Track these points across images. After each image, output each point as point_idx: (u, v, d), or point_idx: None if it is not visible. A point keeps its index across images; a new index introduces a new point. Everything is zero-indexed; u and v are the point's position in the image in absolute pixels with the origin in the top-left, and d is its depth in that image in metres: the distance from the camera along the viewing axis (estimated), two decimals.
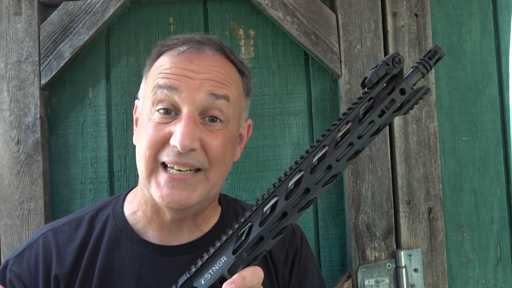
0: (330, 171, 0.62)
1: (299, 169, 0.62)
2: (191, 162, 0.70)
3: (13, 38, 1.13)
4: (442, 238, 1.15)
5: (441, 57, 0.67)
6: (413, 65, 0.67)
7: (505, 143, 1.24)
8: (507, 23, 1.25)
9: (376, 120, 0.64)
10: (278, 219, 0.60)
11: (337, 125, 0.63)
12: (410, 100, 0.65)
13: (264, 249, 0.60)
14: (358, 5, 1.17)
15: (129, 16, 1.21)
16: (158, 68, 0.74)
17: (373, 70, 0.64)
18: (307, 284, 0.87)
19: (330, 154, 0.62)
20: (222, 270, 0.58)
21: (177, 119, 0.71)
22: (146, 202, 0.78)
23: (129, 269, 0.76)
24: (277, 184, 0.61)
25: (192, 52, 0.74)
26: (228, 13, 1.22)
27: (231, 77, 0.76)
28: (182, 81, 0.71)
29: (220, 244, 0.60)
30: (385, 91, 0.65)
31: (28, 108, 1.12)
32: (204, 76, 0.72)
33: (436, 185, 1.16)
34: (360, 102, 0.64)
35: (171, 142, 0.69)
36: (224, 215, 0.85)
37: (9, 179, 1.11)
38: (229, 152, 0.76)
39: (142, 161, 0.72)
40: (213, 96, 0.72)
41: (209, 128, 0.72)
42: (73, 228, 0.80)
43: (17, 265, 0.75)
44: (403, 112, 0.66)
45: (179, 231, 0.79)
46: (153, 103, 0.72)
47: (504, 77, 1.24)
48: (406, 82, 0.65)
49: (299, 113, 1.22)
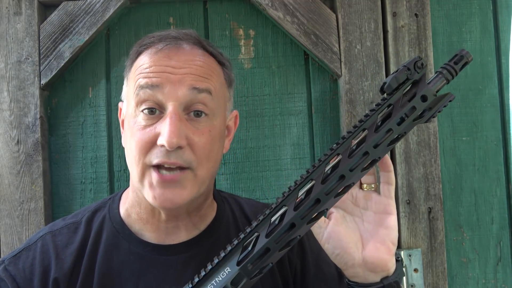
0: (342, 181, 0.59)
1: (310, 178, 0.59)
2: (179, 162, 0.69)
3: (13, 38, 1.13)
4: (442, 238, 1.15)
5: (467, 62, 0.63)
6: (437, 70, 0.63)
7: (505, 143, 1.24)
8: (507, 23, 1.25)
9: (394, 129, 0.60)
10: (286, 231, 0.58)
11: (352, 133, 0.60)
12: (432, 107, 0.61)
13: (271, 261, 0.58)
14: (358, 5, 1.17)
15: (129, 16, 1.21)
16: (138, 68, 0.74)
17: (393, 74, 0.60)
18: (323, 261, 0.87)
19: (344, 163, 0.59)
20: (225, 282, 0.56)
21: (162, 118, 0.70)
22: (139, 203, 0.78)
23: (128, 270, 0.76)
24: (286, 193, 0.59)
25: (170, 49, 0.74)
26: (228, 13, 1.22)
27: (212, 70, 0.76)
28: (163, 78, 0.71)
29: (224, 254, 0.58)
30: (405, 98, 0.61)
31: (28, 108, 1.12)
32: (185, 71, 0.72)
33: (436, 185, 1.16)
34: (378, 108, 0.60)
35: (159, 141, 0.69)
36: (220, 212, 0.85)
37: (9, 179, 1.11)
38: (216, 148, 0.75)
39: (134, 165, 0.72)
40: (195, 90, 0.71)
41: (194, 124, 0.72)
42: (71, 231, 0.79)
43: (12, 265, 0.75)
44: (424, 121, 0.62)
45: (176, 231, 0.79)
46: (136, 104, 0.72)
47: (504, 77, 1.24)
48: (428, 88, 0.61)
49: (299, 113, 1.22)
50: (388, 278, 0.67)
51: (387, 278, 0.67)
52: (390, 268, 0.67)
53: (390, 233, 0.66)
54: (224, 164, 1.20)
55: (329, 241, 0.67)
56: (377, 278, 0.67)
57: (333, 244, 0.66)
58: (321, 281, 0.86)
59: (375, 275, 0.67)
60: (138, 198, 0.77)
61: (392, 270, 0.68)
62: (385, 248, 0.66)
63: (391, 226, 0.66)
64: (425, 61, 0.62)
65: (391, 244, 0.67)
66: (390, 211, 0.67)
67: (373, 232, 0.67)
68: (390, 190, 0.67)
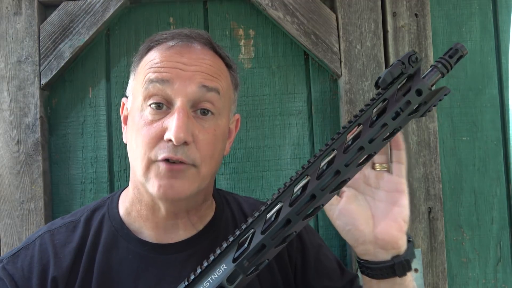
0: (338, 177, 0.59)
1: (305, 174, 0.59)
2: (183, 158, 0.70)
3: (13, 38, 1.13)
4: (442, 238, 1.15)
5: (462, 55, 0.62)
6: (432, 64, 0.63)
7: (505, 143, 1.24)
8: (507, 23, 1.25)
9: (389, 123, 0.60)
10: (282, 227, 0.57)
11: (347, 128, 0.60)
12: (427, 101, 0.61)
13: (267, 258, 0.58)
14: (358, 5, 1.17)
15: (129, 16, 1.21)
16: (148, 63, 0.74)
17: (388, 69, 0.60)
18: (323, 256, 0.88)
19: (339, 158, 0.59)
20: (221, 279, 0.56)
21: (169, 113, 0.71)
22: (140, 200, 0.78)
23: (127, 269, 0.76)
24: (281, 190, 0.58)
25: (182, 46, 0.75)
26: (228, 13, 1.22)
27: (221, 70, 0.77)
28: (173, 73, 0.71)
29: (220, 252, 0.57)
30: (400, 92, 0.61)
31: (28, 108, 1.12)
32: (195, 68, 0.72)
33: (436, 185, 1.16)
34: (373, 103, 0.60)
35: (166, 136, 0.69)
36: (219, 210, 0.86)
37: (9, 179, 1.11)
38: (219, 147, 0.76)
39: (138, 159, 0.72)
40: (204, 88, 0.72)
41: (201, 122, 0.72)
42: (70, 230, 0.79)
43: (11, 264, 0.75)
44: (419, 115, 0.62)
45: (174, 230, 0.79)
46: (144, 98, 0.72)
47: (504, 77, 1.24)
48: (423, 82, 0.61)
49: (299, 113, 1.22)
50: (398, 257, 0.67)
51: (398, 257, 0.67)
52: (401, 247, 0.67)
53: (402, 211, 0.67)
54: (224, 164, 1.20)
55: (340, 217, 0.68)
56: (387, 256, 0.67)
57: (344, 220, 0.67)
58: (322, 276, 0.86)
59: (386, 252, 0.67)
60: (139, 194, 0.78)
61: (403, 249, 0.67)
62: (396, 226, 0.66)
63: (402, 204, 0.67)
64: (420, 55, 0.61)
65: (403, 222, 0.67)
66: (401, 190, 0.67)
67: (385, 210, 0.67)
68: (401, 169, 0.68)
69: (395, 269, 0.66)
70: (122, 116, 0.84)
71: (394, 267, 0.66)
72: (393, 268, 0.66)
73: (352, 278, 0.88)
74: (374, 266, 0.67)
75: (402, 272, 0.67)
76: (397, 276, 0.67)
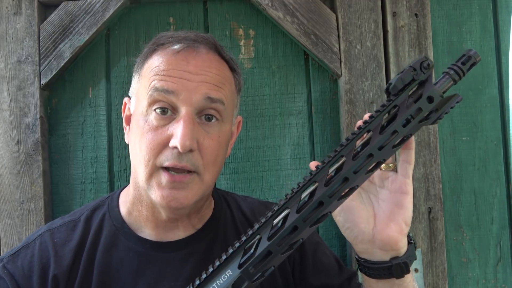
0: (346, 184, 0.58)
1: (313, 180, 0.58)
2: (188, 165, 0.70)
3: (13, 38, 1.13)
4: (442, 238, 1.15)
5: (475, 62, 0.61)
6: (444, 70, 0.61)
7: (505, 143, 1.24)
8: (507, 23, 1.25)
9: (399, 130, 0.59)
10: (288, 233, 0.57)
11: (356, 134, 0.59)
12: (439, 109, 0.60)
13: (272, 265, 0.57)
14: (358, 5, 1.17)
15: (129, 16, 1.21)
16: (154, 69, 0.74)
17: (399, 75, 0.59)
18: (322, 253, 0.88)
19: (348, 165, 0.58)
20: (226, 285, 0.55)
21: (174, 120, 0.71)
22: (140, 201, 0.78)
23: (127, 267, 0.76)
24: (289, 196, 0.58)
25: (188, 51, 0.74)
26: (228, 13, 1.22)
27: (225, 78, 0.77)
28: (179, 84, 0.71)
29: (225, 257, 0.57)
30: (411, 99, 0.60)
31: (28, 108, 1.12)
32: (201, 78, 0.72)
33: (436, 185, 1.16)
34: (383, 110, 0.59)
35: (171, 143, 0.69)
36: (218, 209, 0.86)
37: (9, 179, 1.11)
38: (222, 153, 0.77)
39: (142, 165, 0.72)
40: (209, 100, 0.72)
41: (205, 128, 0.73)
42: (70, 229, 0.80)
43: (11, 264, 0.76)
44: (430, 122, 0.61)
45: (174, 229, 0.80)
46: (149, 104, 0.72)
47: (504, 77, 1.24)
48: (434, 89, 0.59)
49: (299, 113, 1.22)
50: (397, 258, 0.66)
51: (396, 258, 0.66)
52: (401, 248, 0.66)
53: (403, 212, 0.66)
54: (224, 164, 1.19)
55: (341, 213, 0.67)
56: (386, 257, 0.66)
57: (345, 217, 0.67)
58: (320, 273, 0.86)
59: (385, 253, 0.66)
60: (140, 195, 0.78)
61: (403, 250, 0.67)
62: (396, 227, 0.65)
63: (405, 205, 0.66)
64: (432, 62, 0.59)
65: (404, 224, 0.66)
66: (406, 191, 0.66)
67: (387, 210, 0.66)
68: (408, 169, 0.66)
69: (393, 271, 0.66)
70: (124, 116, 0.84)
71: (392, 268, 0.65)
72: (390, 270, 0.66)
73: (351, 275, 0.88)
74: (372, 265, 0.67)
75: (400, 274, 0.66)
76: (395, 277, 0.66)
